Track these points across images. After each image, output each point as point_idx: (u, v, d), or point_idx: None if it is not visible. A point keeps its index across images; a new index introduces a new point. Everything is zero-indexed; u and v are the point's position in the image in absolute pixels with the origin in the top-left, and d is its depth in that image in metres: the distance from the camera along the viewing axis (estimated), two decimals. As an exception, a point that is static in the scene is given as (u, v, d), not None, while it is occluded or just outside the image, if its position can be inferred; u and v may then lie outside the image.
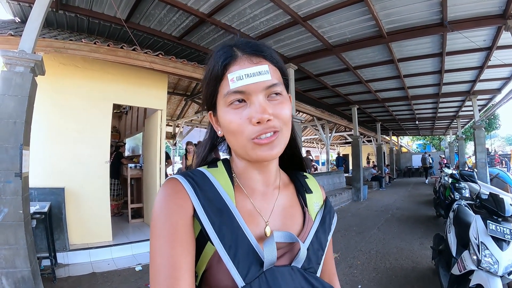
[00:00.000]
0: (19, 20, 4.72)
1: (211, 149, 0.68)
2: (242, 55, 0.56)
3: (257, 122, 0.52)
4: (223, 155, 0.71)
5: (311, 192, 0.70)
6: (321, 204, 0.71)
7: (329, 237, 0.66)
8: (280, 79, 0.58)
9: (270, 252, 0.51)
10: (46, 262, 3.46)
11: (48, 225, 3.38)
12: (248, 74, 0.53)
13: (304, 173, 0.75)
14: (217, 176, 0.59)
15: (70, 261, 3.83)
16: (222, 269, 0.51)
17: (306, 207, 0.67)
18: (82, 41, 3.72)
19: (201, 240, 0.53)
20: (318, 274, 0.59)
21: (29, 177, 2.85)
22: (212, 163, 0.64)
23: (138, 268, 3.77)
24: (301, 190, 0.69)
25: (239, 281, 0.49)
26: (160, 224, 0.50)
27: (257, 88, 0.53)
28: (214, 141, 0.68)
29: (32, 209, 2.99)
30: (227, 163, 0.64)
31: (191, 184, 0.55)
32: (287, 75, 0.62)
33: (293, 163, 0.75)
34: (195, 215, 0.52)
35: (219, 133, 0.61)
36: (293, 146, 0.70)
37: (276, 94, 0.56)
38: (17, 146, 2.51)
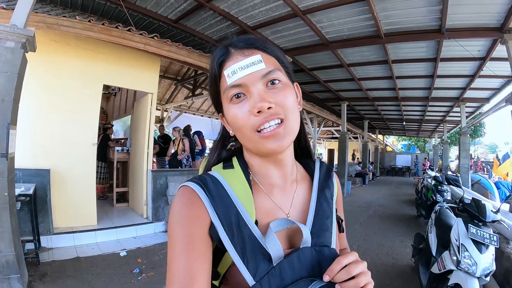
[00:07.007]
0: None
1: (222, 148, 0.68)
2: (235, 51, 0.56)
3: (258, 112, 0.52)
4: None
5: None
6: (336, 192, 0.70)
7: (334, 201, 0.66)
8: (278, 66, 0.57)
9: (275, 247, 0.52)
10: (29, 246, 3.37)
11: (33, 207, 3.28)
12: (242, 67, 0.53)
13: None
14: (233, 180, 0.58)
15: (54, 244, 3.76)
16: (240, 272, 0.51)
17: None
18: (76, 18, 3.55)
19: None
20: (333, 243, 0.59)
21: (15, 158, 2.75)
22: (228, 162, 0.63)
23: (122, 253, 3.75)
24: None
25: (250, 280, 0.49)
26: (177, 233, 0.51)
27: (253, 79, 0.53)
28: (226, 140, 0.68)
29: (17, 191, 2.89)
30: (242, 161, 0.63)
31: (205, 192, 0.54)
32: (286, 63, 0.61)
33: (303, 155, 0.74)
34: (211, 225, 0.53)
35: (231, 132, 0.61)
36: (302, 138, 0.70)
37: (276, 81, 0.55)
38: (4, 125, 2.39)
